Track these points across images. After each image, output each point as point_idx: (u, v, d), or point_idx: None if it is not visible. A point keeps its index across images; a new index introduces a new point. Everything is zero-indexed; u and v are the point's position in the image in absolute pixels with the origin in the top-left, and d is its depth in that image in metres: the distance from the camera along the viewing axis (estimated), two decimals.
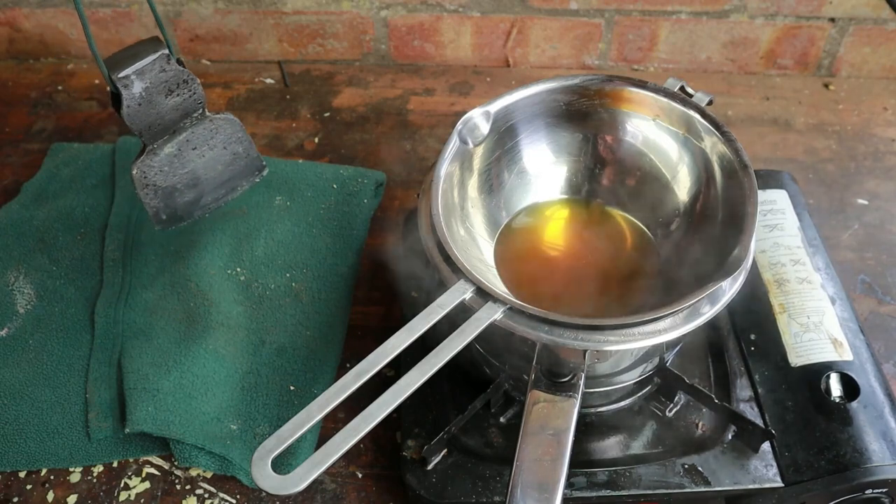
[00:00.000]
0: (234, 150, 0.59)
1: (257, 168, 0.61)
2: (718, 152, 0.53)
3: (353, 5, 0.86)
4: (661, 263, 0.56)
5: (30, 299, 0.66)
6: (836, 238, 0.71)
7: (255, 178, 0.62)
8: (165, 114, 0.55)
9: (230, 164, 0.60)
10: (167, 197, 0.58)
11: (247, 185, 0.62)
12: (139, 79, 0.52)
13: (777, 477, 0.51)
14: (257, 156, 0.61)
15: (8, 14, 0.88)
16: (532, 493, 0.41)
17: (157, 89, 0.53)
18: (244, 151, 0.60)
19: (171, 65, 0.53)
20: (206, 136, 0.57)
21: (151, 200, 0.57)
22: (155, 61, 0.52)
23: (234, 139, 0.59)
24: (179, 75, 0.54)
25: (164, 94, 0.54)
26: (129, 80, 0.52)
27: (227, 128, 0.58)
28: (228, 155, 0.59)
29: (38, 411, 0.59)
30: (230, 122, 0.58)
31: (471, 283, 0.46)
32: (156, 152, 0.56)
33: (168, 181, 0.57)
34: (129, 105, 0.53)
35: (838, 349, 0.55)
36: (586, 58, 0.89)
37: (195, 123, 0.57)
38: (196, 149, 0.57)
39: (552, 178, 0.60)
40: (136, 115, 0.53)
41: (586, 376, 0.46)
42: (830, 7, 0.82)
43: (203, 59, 0.92)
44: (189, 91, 0.55)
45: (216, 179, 0.60)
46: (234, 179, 0.61)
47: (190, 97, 0.55)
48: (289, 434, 0.40)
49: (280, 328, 0.63)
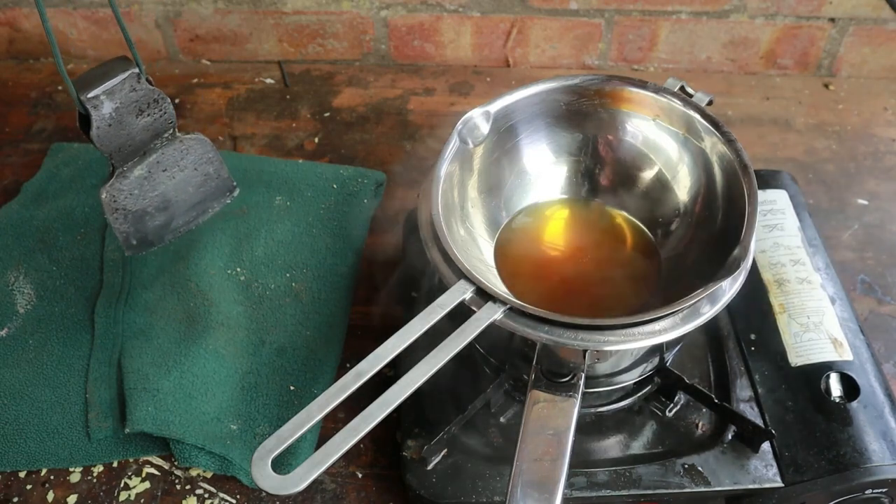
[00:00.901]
0: (205, 170, 0.58)
1: (228, 189, 0.60)
2: (718, 152, 0.53)
3: (353, 5, 0.86)
4: (661, 263, 0.56)
5: (30, 299, 0.66)
6: (836, 238, 0.71)
7: (227, 198, 0.60)
8: (136, 134, 0.53)
9: (201, 185, 0.58)
10: (137, 221, 0.56)
11: (218, 206, 0.60)
12: (109, 99, 0.51)
13: (777, 477, 0.51)
14: (228, 176, 0.59)
15: (8, 14, 0.88)
16: (532, 493, 0.41)
17: (128, 109, 0.52)
18: (215, 172, 0.58)
19: (141, 84, 0.52)
20: (177, 157, 0.56)
21: (121, 225, 0.55)
22: (125, 80, 0.51)
23: (204, 160, 0.57)
24: (150, 94, 0.52)
25: (134, 115, 0.52)
26: (98, 101, 0.50)
27: (198, 148, 0.57)
28: (199, 176, 0.58)
29: (38, 411, 0.59)
30: (200, 141, 0.57)
31: (471, 283, 0.46)
32: (125, 175, 0.54)
33: (138, 205, 0.55)
34: (99, 126, 0.51)
35: (838, 349, 0.55)
36: (586, 58, 0.89)
37: (165, 144, 0.55)
38: (166, 170, 0.56)
39: (552, 178, 0.60)
40: (106, 137, 0.52)
41: (586, 376, 0.46)
42: (830, 7, 0.82)
43: (203, 59, 0.92)
44: (160, 111, 0.53)
45: (187, 202, 0.58)
46: (205, 201, 0.59)
47: (160, 116, 0.54)
48: (289, 434, 0.40)
49: (280, 328, 0.63)
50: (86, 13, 0.88)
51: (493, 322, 0.45)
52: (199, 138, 0.57)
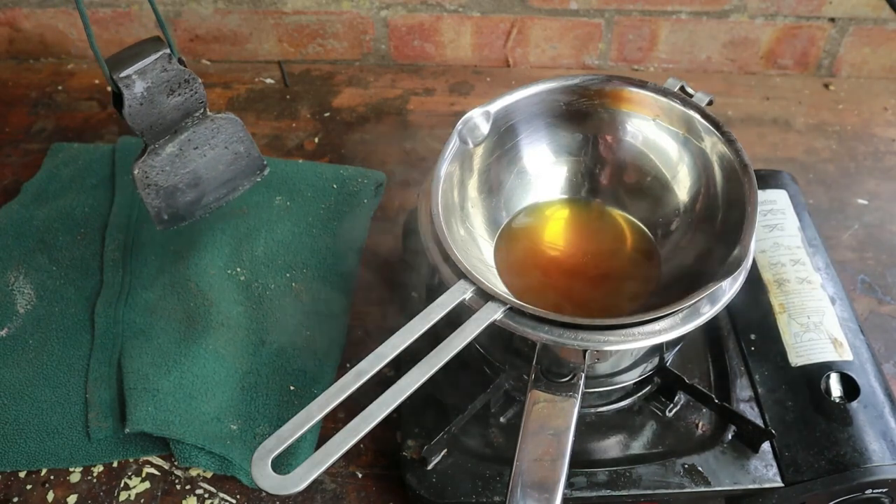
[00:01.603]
0: (236, 149, 0.59)
1: (258, 167, 0.61)
2: (718, 152, 0.53)
3: (353, 5, 0.86)
4: (661, 263, 0.56)
5: (30, 299, 0.66)
6: (836, 238, 0.71)
7: (257, 177, 0.62)
8: (167, 113, 0.55)
9: (231, 163, 0.60)
10: (169, 197, 0.58)
11: (248, 184, 0.62)
12: (141, 78, 0.52)
13: (777, 477, 0.51)
14: (258, 155, 0.61)
15: (8, 14, 0.88)
16: (532, 493, 0.41)
17: (159, 89, 0.53)
18: (245, 151, 0.60)
19: (172, 64, 0.53)
20: (208, 136, 0.57)
21: (153, 200, 0.57)
22: (156, 61, 0.52)
23: (235, 139, 0.59)
24: (181, 75, 0.54)
25: (165, 94, 0.54)
26: (130, 80, 0.52)
27: (229, 127, 0.58)
28: (230, 154, 0.59)
29: (38, 411, 0.59)
30: (231, 121, 0.58)
31: (471, 283, 0.46)
32: (157, 152, 0.56)
33: (169, 181, 0.57)
34: (131, 105, 0.52)
35: (838, 349, 0.55)
36: (586, 58, 0.89)
37: (196, 123, 0.56)
38: (197, 148, 0.57)
39: (552, 178, 0.60)
40: (138, 115, 0.53)
41: (586, 376, 0.46)
42: (830, 7, 0.82)
43: (203, 59, 0.92)
44: (191, 91, 0.55)
45: (217, 179, 0.60)
46: (235, 179, 0.61)
47: (191, 97, 0.55)
48: (289, 434, 0.40)
49: (280, 328, 0.63)
50: (86, 13, 0.88)
51: (493, 322, 0.45)
52: (231, 118, 0.58)
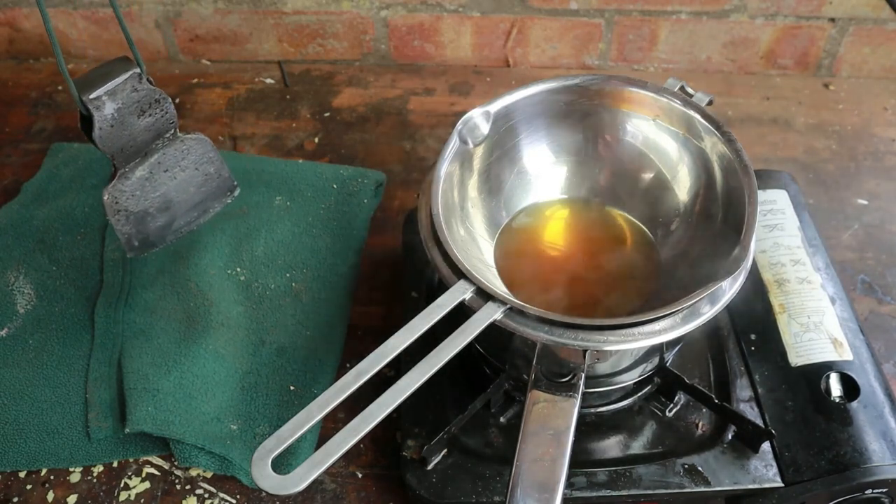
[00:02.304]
0: (206, 170, 0.58)
1: (229, 188, 0.60)
2: (718, 152, 0.53)
3: (353, 5, 0.86)
4: (661, 263, 0.56)
5: (30, 299, 0.66)
6: (836, 238, 0.71)
7: (227, 198, 0.60)
8: (138, 135, 0.53)
9: (202, 185, 0.58)
10: (139, 222, 0.56)
11: (219, 206, 0.60)
12: (111, 99, 0.51)
13: (777, 477, 0.51)
14: (229, 175, 0.59)
15: (8, 14, 0.88)
16: (532, 493, 0.41)
17: (130, 110, 0.52)
18: (216, 172, 0.58)
19: (142, 84, 0.52)
20: (178, 157, 0.56)
21: (123, 227, 0.55)
22: (126, 80, 0.51)
23: (205, 159, 0.57)
24: (151, 94, 0.52)
25: (136, 115, 0.52)
26: (100, 102, 0.50)
27: (199, 148, 0.57)
28: (200, 176, 0.58)
29: (38, 411, 0.59)
30: (201, 141, 0.57)
31: (471, 283, 0.46)
32: (127, 176, 0.54)
33: (140, 206, 0.55)
34: (102, 127, 0.51)
35: (838, 349, 0.55)
36: (586, 58, 0.89)
37: (166, 144, 0.55)
38: (168, 171, 0.56)
39: (552, 178, 0.60)
40: (108, 138, 0.52)
41: (586, 376, 0.46)
42: (830, 7, 0.82)
43: (203, 59, 0.92)
44: (161, 111, 0.53)
45: (188, 202, 0.58)
46: (206, 201, 0.59)
47: (162, 117, 0.54)
48: (289, 434, 0.40)
49: (280, 328, 0.63)
50: (86, 13, 0.88)
51: (493, 322, 0.45)
52: (200, 138, 0.57)
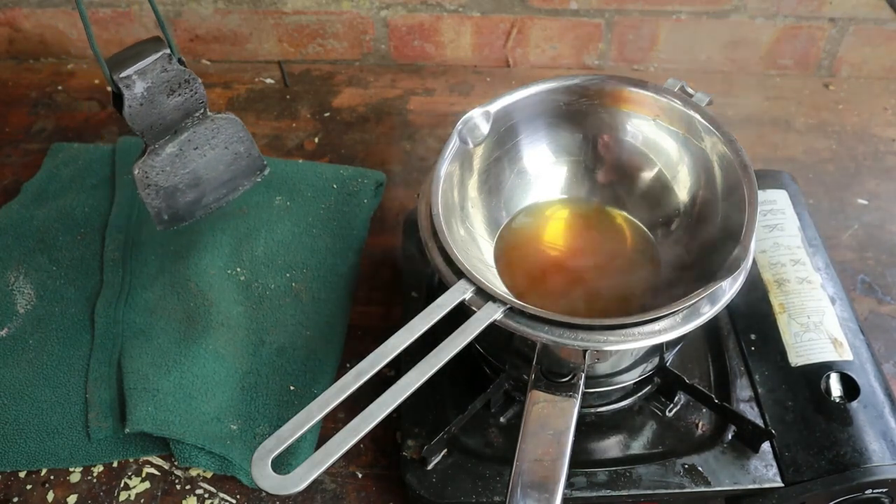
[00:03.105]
0: (236, 149, 0.59)
1: (258, 168, 0.61)
2: (718, 152, 0.53)
3: (353, 5, 0.86)
4: (661, 263, 0.56)
5: (30, 299, 0.66)
6: (836, 238, 0.71)
7: (257, 177, 0.62)
8: (167, 114, 0.54)
9: (231, 163, 0.59)
10: (169, 197, 0.58)
11: (248, 184, 0.61)
12: (141, 79, 0.52)
13: (777, 477, 0.51)
14: (258, 155, 0.61)
15: (8, 14, 0.88)
16: (532, 493, 0.41)
17: (159, 89, 0.53)
18: (245, 151, 0.60)
19: (172, 64, 0.53)
20: (208, 136, 0.57)
21: (153, 201, 0.57)
22: (157, 61, 0.52)
23: (235, 139, 0.59)
24: (181, 75, 0.54)
25: (165, 94, 0.54)
26: (130, 80, 0.52)
27: (229, 127, 0.58)
28: (230, 154, 0.59)
29: (38, 411, 0.59)
30: (231, 121, 0.58)
31: (471, 283, 0.46)
32: (157, 152, 0.56)
33: (170, 181, 0.57)
34: (131, 105, 0.52)
35: (838, 349, 0.55)
36: (586, 58, 0.89)
37: (196, 123, 0.56)
38: (197, 148, 0.57)
39: (552, 178, 0.60)
40: (138, 116, 0.53)
41: (586, 376, 0.46)
42: (830, 7, 0.82)
43: (203, 59, 0.92)
44: (191, 91, 0.55)
45: (217, 179, 0.59)
46: (235, 179, 0.61)
47: (191, 97, 0.55)
48: (289, 434, 0.40)
49: (280, 328, 0.63)
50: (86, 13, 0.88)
51: (493, 322, 0.45)
52: (230, 118, 0.58)
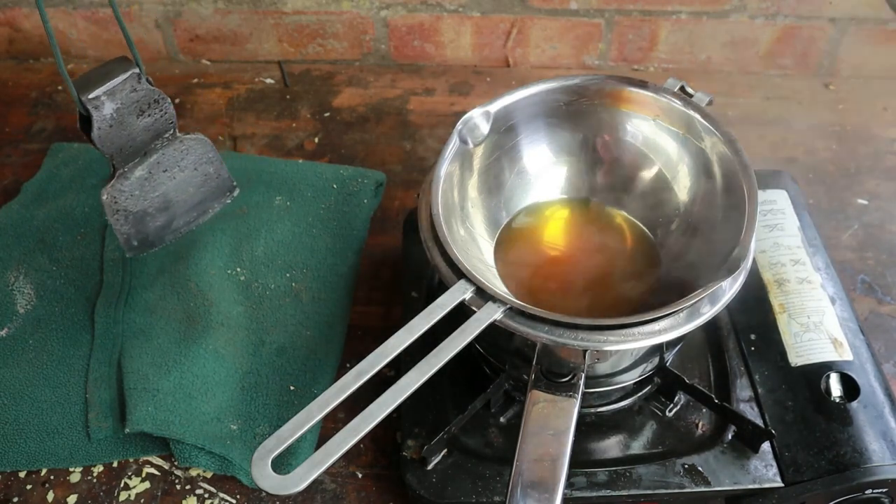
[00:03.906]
0: (205, 170, 0.58)
1: (228, 189, 0.60)
2: (718, 152, 0.53)
3: (353, 5, 0.86)
4: (661, 263, 0.56)
5: (30, 299, 0.66)
6: (836, 238, 0.71)
7: (227, 199, 0.60)
8: (137, 135, 0.53)
9: (201, 185, 0.58)
10: (138, 222, 0.56)
11: (218, 206, 0.60)
12: (110, 99, 0.51)
13: (777, 477, 0.51)
14: (228, 176, 0.59)
15: (8, 14, 0.88)
16: (532, 493, 0.41)
17: (129, 110, 0.52)
18: (215, 172, 0.58)
19: (141, 84, 0.52)
20: (177, 158, 0.56)
21: (122, 227, 0.55)
22: (126, 80, 0.51)
23: (204, 160, 0.57)
24: (150, 94, 0.52)
25: (135, 115, 0.52)
26: (99, 101, 0.50)
27: (198, 148, 0.57)
28: (199, 176, 0.58)
29: (38, 411, 0.59)
30: (201, 142, 0.57)
31: (471, 283, 0.46)
32: (126, 176, 0.54)
33: (139, 205, 0.55)
34: (101, 127, 0.51)
35: (838, 349, 0.55)
36: (586, 58, 0.89)
37: (166, 144, 0.55)
38: (167, 171, 0.56)
39: (552, 178, 0.60)
40: (107, 138, 0.52)
41: (586, 376, 0.46)
42: (830, 7, 0.82)
43: (203, 59, 0.92)
44: (160, 111, 0.53)
45: (187, 202, 0.58)
46: (205, 202, 0.59)
47: (161, 117, 0.54)
48: (289, 434, 0.40)
49: (280, 328, 0.63)
50: (86, 13, 0.88)
51: (493, 322, 0.45)
52: (200, 138, 0.57)
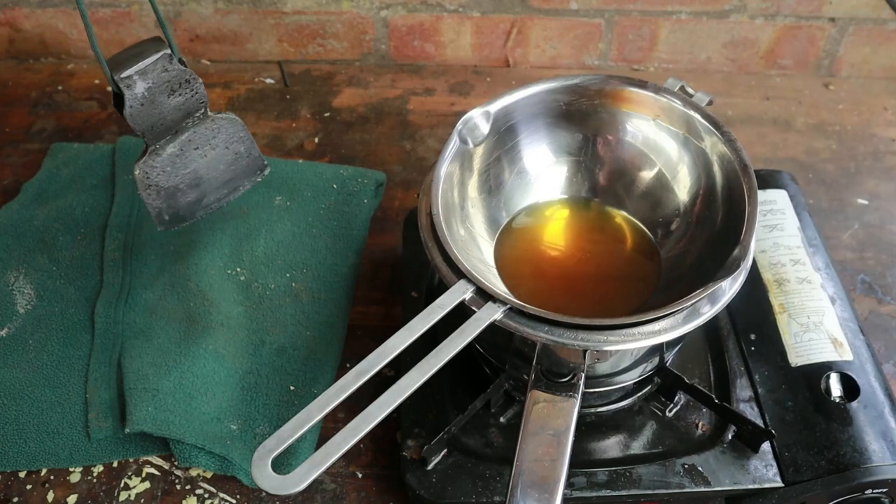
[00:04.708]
0: (236, 149, 0.59)
1: (259, 167, 0.61)
2: (718, 152, 0.53)
3: (353, 5, 0.86)
4: (661, 263, 0.56)
5: (30, 299, 0.66)
6: (836, 238, 0.71)
7: (257, 177, 0.61)
8: (168, 114, 0.55)
9: (232, 163, 0.59)
10: (169, 197, 0.58)
11: (248, 184, 0.61)
12: (142, 79, 0.52)
13: (777, 477, 0.51)
14: (259, 155, 0.61)
15: (8, 14, 0.88)
16: (532, 493, 0.41)
17: (160, 89, 0.53)
18: (246, 151, 0.60)
19: (173, 64, 0.53)
20: (208, 136, 0.57)
21: (154, 201, 0.57)
22: (157, 61, 0.52)
23: (235, 139, 0.59)
24: (182, 75, 0.54)
25: (166, 94, 0.54)
26: (131, 81, 0.52)
27: (229, 127, 0.58)
28: (230, 154, 0.59)
29: (38, 411, 0.59)
30: (232, 121, 0.58)
31: (471, 283, 0.46)
32: (158, 152, 0.56)
33: (170, 181, 0.57)
34: (132, 105, 0.52)
35: (838, 349, 0.55)
36: (586, 58, 0.89)
37: (197, 123, 0.56)
38: (198, 149, 0.57)
39: (552, 178, 0.60)
40: (139, 116, 0.53)
41: (586, 376, 0.46)
42: (830, 7, 0.82)
43: (203, 59, 0.92)
44: (191, 91, 0.55)
45: (218, 179, 0.59)
46: (235, 179, 0.60)
47: (192, 97, 0.55)
48: (289, 434, 0.40)
49: (280, 328, 0.63)
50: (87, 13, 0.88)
51: (493, 322, 0.45)
52: (231, 118, 0.58)
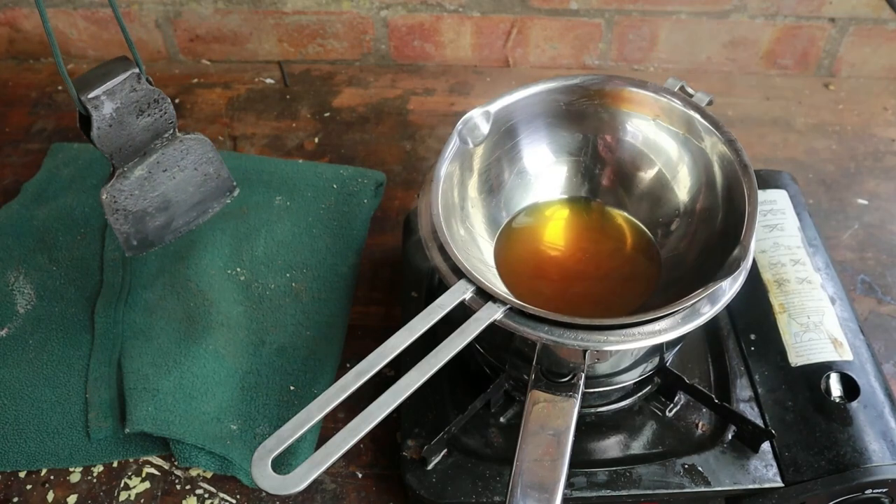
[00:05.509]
0: (205, 170, 0.58)
1: (228, 188, 0.60)
2: (718, 152, 0.53)
3: (353, 5, 0.86)
4: (661, 263, 0.56)
5: (30, 299, 0.66)
6: (836, 238, 0.71)
7: (226, 198, 0.60)
8: (136, 135, 0.53)
9: (201, 185, 0.58)
10: (138, 222, 0.56)
11: (218, 206, 0.60)
12: (110, 99, 0.51)
13: (777, 477, 0.51)
14: (228, 176, 0.59)
15: (8, 14, 0.88)
16: (532, 493, 0.41)
17: (128, 109, 0.52)
18: (215, 172, 0.58)
19: (141, 84, 0.52)
20: (177, 157, 0.56)
21: (122, 226, 0.55)
22: (125, 80, 0.51)
23: (204, 159, 0.57)
24: (150, 94, 0.52)
25: (135, 115, 0.52)
26: (99, 101, 0.50)
27: (198, 148, 0.56)
28: (199, 176, 0.57)
29: (38, 411, 0.59)
30: (201, 141, 0.56)
31: (471, 283, 0.46)
32: (126, 175, 0.54)
33: (139, 205, 0.55)
34: (100, 127, 0.51)
35: (838, 349, 0.55)
36: (586, 58, 0.89)
37: (166, 144, 0.55)
38: (167, 171, 0.55)
39: (552, 178, 0.60)
40: (107, 138, 0.52)
41: (586, 376, 0.46)
42: (830, 7, 0.82)
43: (203, 59, 0.92)
44: (160, 111, 0.53)
45: (187, 202, 0.58)
46: (205, 201, 0.59)
47: (161, 117, 0.54)
48: (289, 434, 0.40)
49: (280, 328, 0.63)
50: (86, 13, 0.88)
51: (493, 322, 0.45)
52: (199, 138, 0.57)
